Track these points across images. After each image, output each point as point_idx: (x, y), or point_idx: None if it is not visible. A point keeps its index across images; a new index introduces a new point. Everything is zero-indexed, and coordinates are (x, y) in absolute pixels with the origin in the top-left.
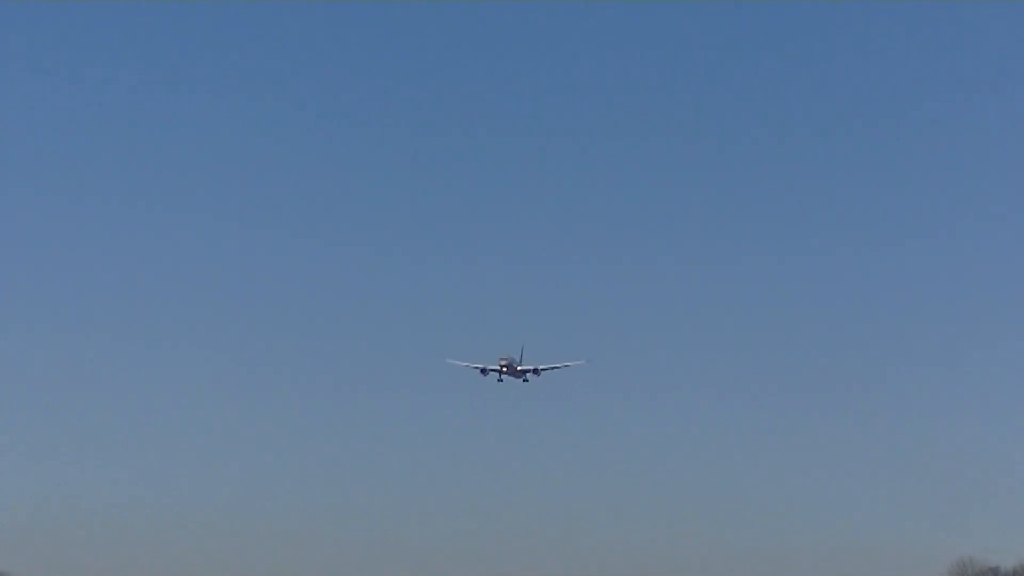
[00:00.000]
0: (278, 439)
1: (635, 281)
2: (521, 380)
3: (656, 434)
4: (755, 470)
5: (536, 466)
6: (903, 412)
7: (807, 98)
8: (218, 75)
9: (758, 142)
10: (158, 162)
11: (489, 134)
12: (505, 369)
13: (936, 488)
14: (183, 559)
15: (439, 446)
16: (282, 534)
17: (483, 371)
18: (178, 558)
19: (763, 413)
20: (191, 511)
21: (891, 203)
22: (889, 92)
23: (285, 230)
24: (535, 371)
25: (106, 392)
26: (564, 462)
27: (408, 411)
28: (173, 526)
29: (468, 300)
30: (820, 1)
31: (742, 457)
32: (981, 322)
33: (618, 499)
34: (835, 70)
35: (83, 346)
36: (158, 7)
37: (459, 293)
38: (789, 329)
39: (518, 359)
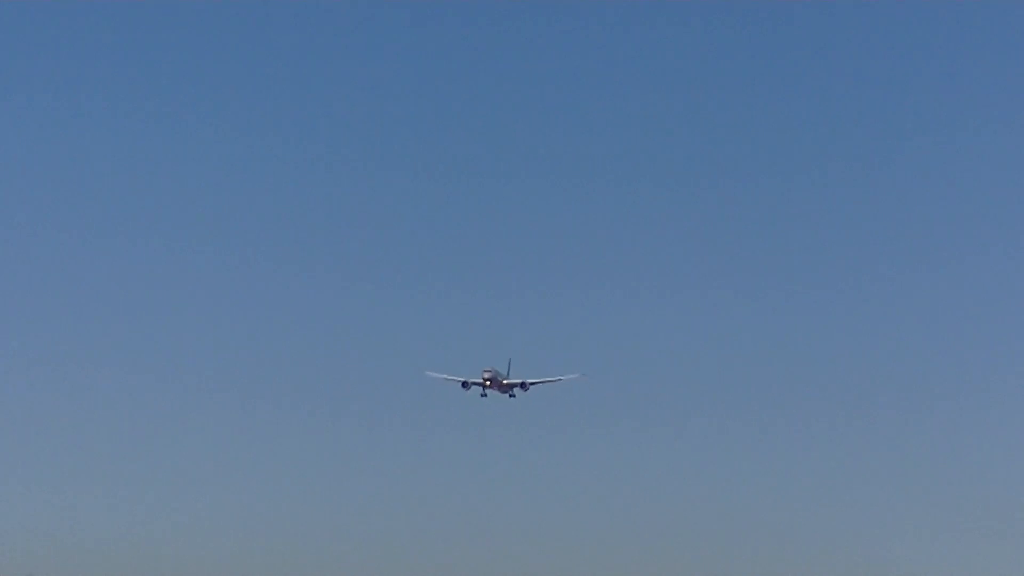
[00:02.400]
0: (246, 456)
1: (639, 287)
2: (507, 395)
3: (660, 458)
4: (772, 500)
5: (522, 491)
6: (930, 436)
7: (811, 120)
8: (208, 80)
9: (772, 162)
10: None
11: (478, 139)
12: (489, 383)
13: (979, 524)
14: None
15: (413, 464)
16: (255, 554)
17: (465, 384)
18: None
19: (779, 438)
20: (168, 533)
21: (921, 228)
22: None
23: (263, 242)
24: (523, 385)
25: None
26: (553, 487)
27: (380, 427)
28: (156, 555)
29: (450, 306)
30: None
31: (755, 486)
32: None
33: (615, 529)
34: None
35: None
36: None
37: (441, 298)
38: (805, 349)
39: (504, 372)
